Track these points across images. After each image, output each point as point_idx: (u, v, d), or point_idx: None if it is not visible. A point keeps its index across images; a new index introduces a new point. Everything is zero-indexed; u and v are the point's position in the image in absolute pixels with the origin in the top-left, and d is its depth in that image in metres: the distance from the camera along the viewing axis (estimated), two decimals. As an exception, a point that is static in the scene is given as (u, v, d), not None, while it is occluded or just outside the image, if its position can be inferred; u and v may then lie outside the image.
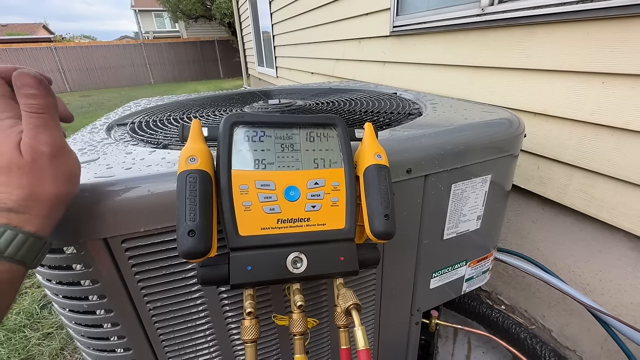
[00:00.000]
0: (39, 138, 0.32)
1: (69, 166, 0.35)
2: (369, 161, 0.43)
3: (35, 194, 0.31)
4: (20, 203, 0.31)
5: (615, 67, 0.76)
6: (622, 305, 0.88)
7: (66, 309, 0.47)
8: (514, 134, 0.67)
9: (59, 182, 0.33)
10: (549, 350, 0.85)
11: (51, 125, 0.33)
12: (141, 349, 0.50)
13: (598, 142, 0.83)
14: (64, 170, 0.34)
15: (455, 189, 0.62)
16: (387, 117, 0.73)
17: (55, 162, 0.33)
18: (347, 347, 0.42)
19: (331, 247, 0.42)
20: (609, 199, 0.83)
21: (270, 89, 1.31)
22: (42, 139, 0.32)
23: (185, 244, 0.34)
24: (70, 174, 0.35)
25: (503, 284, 1.23)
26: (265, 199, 0.40)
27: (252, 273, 0.39)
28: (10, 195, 0.30)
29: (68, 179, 0.34)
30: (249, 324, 0.40)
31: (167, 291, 0.47)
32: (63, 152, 0.34)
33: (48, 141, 0.32)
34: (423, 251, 0.65)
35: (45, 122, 0.32)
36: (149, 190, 0.41)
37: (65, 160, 0.34)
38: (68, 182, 0.34)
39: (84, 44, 12.74)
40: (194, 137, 0.40)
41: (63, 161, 0.34)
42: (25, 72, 0.32)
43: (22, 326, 1.47)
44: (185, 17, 13.59)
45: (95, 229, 0.40)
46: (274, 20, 3.72)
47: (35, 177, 0.32)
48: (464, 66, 1.20)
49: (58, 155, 0.33)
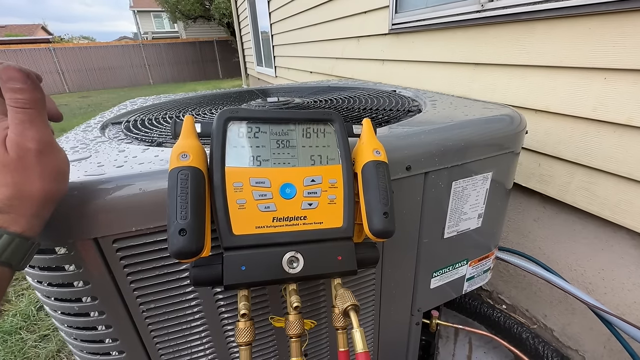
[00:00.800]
0: (25, 134, 0.30)
1: (57, 163, 0.33)
2: (368, 157, 0.42)
3: (21, 192, 0.30)
4: (5, 202, 0.30)
5: (617, 63, 0.75)
6: (625, 304, 0.87)
7: (57, 312, 0.46)
8: (515, 130, 0.66)
9: (46, 179, 0.32)
10: (552, 351, 0.84)
11: (38, 121, 0.32)
12: (135, 351, 0.48)
13: (600, 139, 0.82)
14: (52, 167, 0.33)
15: (456, 186, 0.61)
16: (386, 114, 0.72)
17: (42, 159, 0.32)
18: (346, 349, 0.41)
19: (328, 246, 0.41)
20: (612, 197, 0.82)
21: (268, 88, 1.30)
22: (28, 134, 0.31)
23: (176, 243, 0.33)
24: (58, 171, 0.33)
25: (504, 283, 1.22)
26: (260, 196, 0.39)
27: (246, 273, 0.37)
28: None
29: (56, 177, 0.33)
30: (244, 326, 0.39)
31: (160, 292, 0.45)
32: (51, 149, 0.33)
33: (35, 137, 0.31)
34: (423, 250, 0.64)
35: (32, 117, 0.31)
36: (141, 189, 0.40)
37: (53, 157, 0.33)
38: (56, 179, 0.33)
39: (83, 45, 12.73)
40: (187, 133, 0.39)
41: (51, 158, 0.33)
42: (12, 66, 0.30)
43: (19, 328, 1.45)
44: (184, 18, 13.57)
45: (85, 229, 0.39)
46: (272, 20, 3.71)
47: (21, 175, 0.30)
48: (464, 63, 1.19)
49: (45, 152, 0.32)
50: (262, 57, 4.88)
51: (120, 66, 12.95)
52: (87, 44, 13.10)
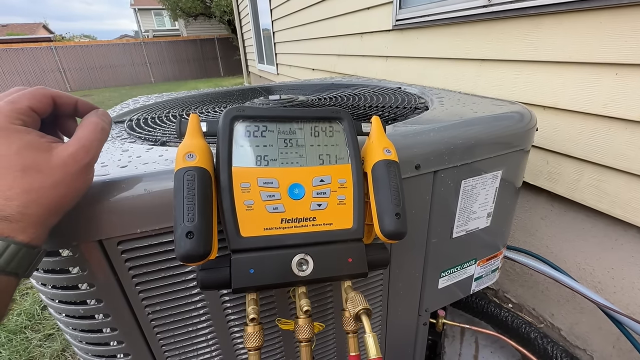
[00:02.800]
0: (90, 149, 0.33)
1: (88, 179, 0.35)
2: (378, 156, 0.41)
3: (40, 200, 0.30)
4: (21, 209, 0.29)
5: (629, 58, 0.73)
6: (635, 303, 0.86)
7: (62, 314, 0.45)
8: (525, 127, 0.64)
9: (70, 190, 0.32)
10: (561, 351, 0.83)
11: (102, 146, 0.35)
12: (140, 354, 0.48)
13: (611, 136, 0.80)
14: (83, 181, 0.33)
15: (465, 185, 0.60)
16: (392, 112, 0.70)
17: (82, 173, 0.33)
18: (357, 353, 0.40)
19: (339, 247, 0.40)
20: (622, 195, 0.80)
21: (271, 85, 1.28)
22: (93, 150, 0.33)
23: (183, 246, 0.32)
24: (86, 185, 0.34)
25: (510, 282, 1.21)
26: (268, 197, 0.38)
27: (255, 276, 0.36)
28: (11, 202, 0.28)
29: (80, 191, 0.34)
30: (253, 331, 0.38)
31: (166, 294, 0.45)
32: (92, 168, 0.35)
33: (95, 154, 0.34)
34: (432, 250, 0.62)
35: (104, 140, 0.35)
36: (146, 189, 0.39)
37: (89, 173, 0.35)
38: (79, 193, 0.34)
39: (84, 44, 12.71)
40: (192, 132, 0.38)
41: (87, 173, 0.34)
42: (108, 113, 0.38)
43: (24, 327, 1.46)
44: (185, 15, 13.54)
45: (89, 231, 0.38)
46: (274, 17, 3.68)
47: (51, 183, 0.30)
48: (470, 59, 1.17)
49: (90, 167, 0.34)
50: (263, 54, 4.86)
51: (122, 64, 12.95)
52: (88, 42, 13.07)
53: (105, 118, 0.37)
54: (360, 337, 0.38)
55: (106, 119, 0.37)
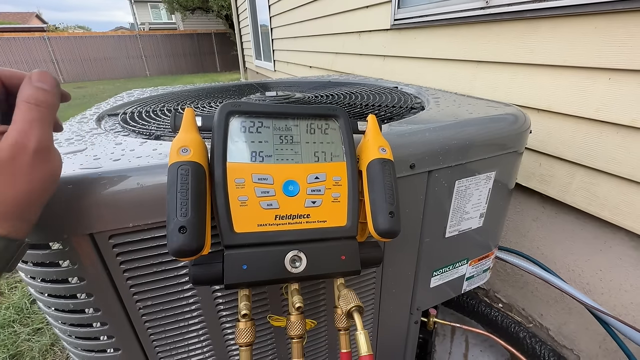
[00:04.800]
0: (29, 132, 0.29)
1: (50, 168, 0.32)
2: (373, 155, 0.41)
3: (3, 196, 0.29)
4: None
5: (622, 63, 0.74)
6: (622, 305, 0.87)
7: (51, 308, 0.45)
8: (519, 129, 0.65)
9: (34, 183, 0.30)
10: (548, 350, 0.84)
11: (46, 123, 0.31)
12: (131, 349, 0.47)
13: (603, 140, 0.81)
14: (44, 172, 0.31)
15: (459, 185, 0.60)
16: (388, 111, 0.70)
17: (36, 162, 0.30)
18: (348, 350, 0.40)
19: (332, 245, 0.40)
20: (612, 198, 0.82)
21: (267, 82, 1.28)
22: (32, 133, 0.30)
23: (176, 241, 0.31)
24: (50, 174, 0.32)
25: (501, 282, 1.22)
26: (262, 193, 0.38)
27: (247, 272, 0.36)
28: None
29: (45, 182, 0.32)
30: (244, 327, 0.38)
31: (157, 289, 0.44)
32: (48, 154, 0.32)
33: (37, 137, 0.30)
34: (424, 249, 0.63)
35: (43, 117, 0.31)
36: (139, 183, 0.39)
37: (47, 162, 0.32)
38: (44, 184, 0.31)
39: (78, 35, 12.51)
40: (187, 126, 0.37)
41: (45, 163, 0.31)
42: (48, 73, 0.32)
43: (12, 321, 1.44)
44: (182, 9, 13.38)
45: (80, 224, 0.38)
46: (272, 13, 3.66)
47: (8, 178, 0.29)
48: (467, 61, 1.18)
49: (42, 154, 0.31)
50: (261, 50, 4.83)
51: (117, 57, 12.77)
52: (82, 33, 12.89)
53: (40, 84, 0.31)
54: (352, 334, 0.38)
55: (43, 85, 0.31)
